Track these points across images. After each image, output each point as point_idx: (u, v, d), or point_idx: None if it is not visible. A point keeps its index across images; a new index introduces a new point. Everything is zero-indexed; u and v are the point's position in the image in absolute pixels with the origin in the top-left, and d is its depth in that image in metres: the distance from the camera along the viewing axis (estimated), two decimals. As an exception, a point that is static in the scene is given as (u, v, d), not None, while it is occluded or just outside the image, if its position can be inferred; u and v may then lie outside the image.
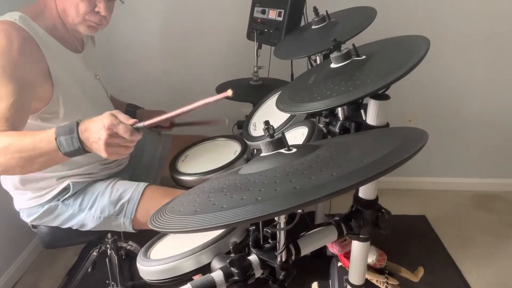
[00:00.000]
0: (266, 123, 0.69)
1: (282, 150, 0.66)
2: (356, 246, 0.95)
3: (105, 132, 0.86)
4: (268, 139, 0.67)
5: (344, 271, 1.24)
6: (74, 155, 0.91)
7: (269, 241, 0.73)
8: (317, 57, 1.33)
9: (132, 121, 0.88)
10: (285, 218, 0.69)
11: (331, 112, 1.04)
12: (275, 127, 0.71)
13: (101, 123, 0.87)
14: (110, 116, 0.87)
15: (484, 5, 1.98)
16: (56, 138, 0.89)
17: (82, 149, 0.90)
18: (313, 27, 1.34)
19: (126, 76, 2.12)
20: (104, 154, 0.88)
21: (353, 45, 0.91)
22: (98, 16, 1.13)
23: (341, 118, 0.98)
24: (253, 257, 0.72)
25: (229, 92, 0.80)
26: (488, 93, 2.17)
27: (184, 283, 0.66)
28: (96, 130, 0.87)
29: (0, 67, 0.98)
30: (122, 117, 0.89)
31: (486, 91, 2.17)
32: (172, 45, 2.07)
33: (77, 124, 0.90)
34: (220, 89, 1.67)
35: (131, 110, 1.57)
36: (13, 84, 0.98)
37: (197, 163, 1.24)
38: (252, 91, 1.67)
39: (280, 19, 1.56)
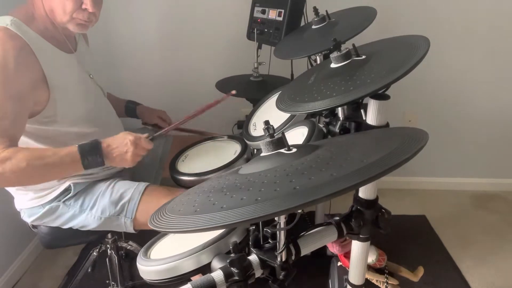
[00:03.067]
0: (266, 123, 0.69)
1: (282, 150, 0.66)
2: (356, 246, 0.95)
3: (132, 146, 1.04)
4: (268, 139, 0.67)
5: (344, 271, 1.24)
6: (93, 167, 1.05)
7: (269, 241, 0.73)
8: (317, 57, 1.33)
9: (145, 135, 1.06)
10: (285, 218, 0.69)
11: (331, 112, 1.04)
12: (275, 127, 0.71)
13: (124, 139, 1.05)
14: (130, 133, 1.06)
15: (484, 4, 1.98)
16: (81, 158, 1.02)
17: (103, 163, 1.04)
18: (313, 27, 1.34)
19: (126, 73, 2.12)
20: (129, 164, 1.06)
21: (353, 45, 0.91)
22: (86, 13, 1.12)
23: (341, 118, 0.98)
24: (253, 257, 0.72)
25: (233, 92, 0.99)
26: (488, 92, 2.17)
27: (184, 283, 0.66)
28: (121, 145, 1.05)
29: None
30: (136, 133, 1.07)
31: (486, 90, 2.17)
32: (171, 43, 2.07)
33: (98, 143, 1.04)
34: (220, 85, 1.67)
35: (131, 106, 1.58)
36: (12, 99, 1.00)
37: (197, 163, 1.24)
38: (252, 88, 1.67)
39: (280, 19, 1.56)
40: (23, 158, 0.96)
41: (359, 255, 0.96)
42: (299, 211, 0.66)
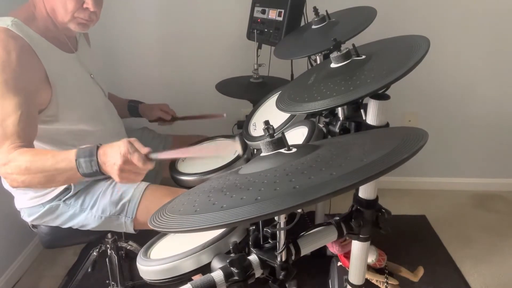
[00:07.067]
0: (266, 123, 0.69)
1: (282, 150, 0.66)
2: (356, 246, 0.95)
3: (121, 159, 0.89)
4: (268, 139, 0.67)
5: (344, 271, 1.25)
6: (92, 176, 0.95)
7: (269, 241, 0.73)
8: (317, 57, 1.33)
9: (146, 150, 0.91)
10: (285, 218, 0.69)
11: (331, 112, 1.04)
12: (275, 127, 0.71)
13: (118, 149, 0.90)
14: (127, 144, 0.90)
15: (484, 4, 1.98)
16: (76, 160, 0.93)
17: (99, 171, 0.93)
18: (313, 27, 1.34)
19: (126, 74, 2.12)
20: (117, 179, 0.92)
21: (353, 45, 0.91)
22: (87, 12, 1.12)
23: (341, 118, 0.98)
24: (253, 257, 0.72)
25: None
26: (488, 93, 2.17)
27: (184, 283, 0.66)
28: (113, 155, 0.91)
29: (3, 81, 0.99)
30: (138, 145, 0.92)
31: (486, 91, 2.17)
32: (172, 44, 2.07)
33: (97, 147, 0.93)
34: (220, 86, 1.67)
35: (133, 106, 1.58)
36: (17, 97, 1.00)
37: (197, 163, 1.24)
38: (252, 89, 1.67)
39: (280, 19, 1.56)
40: (24, 160, 0.95)
41: (359, 255, 0.96)
42: (299, 211, 0.67)
